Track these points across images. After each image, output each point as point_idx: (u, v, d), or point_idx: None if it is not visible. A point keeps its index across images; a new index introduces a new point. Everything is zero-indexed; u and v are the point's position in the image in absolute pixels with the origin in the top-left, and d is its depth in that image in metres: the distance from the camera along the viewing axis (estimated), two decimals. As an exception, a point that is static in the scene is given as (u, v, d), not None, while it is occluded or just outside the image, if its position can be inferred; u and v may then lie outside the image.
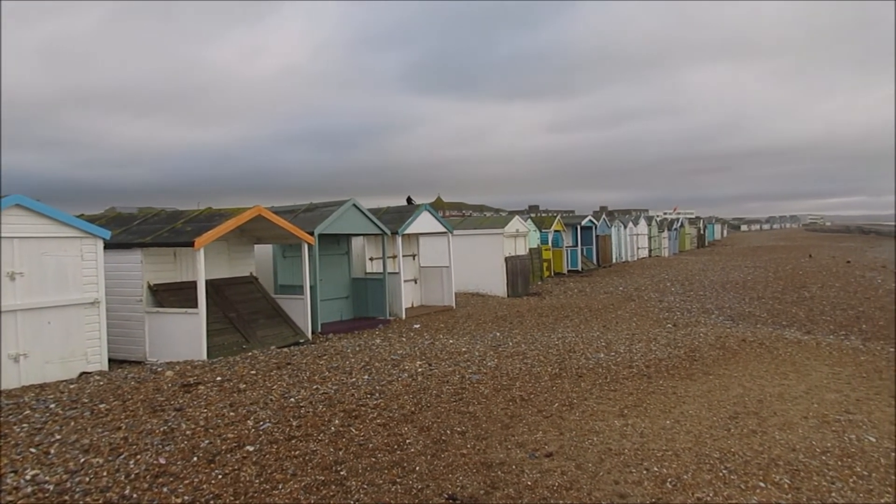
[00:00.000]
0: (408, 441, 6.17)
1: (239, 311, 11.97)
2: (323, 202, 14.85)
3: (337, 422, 6.70)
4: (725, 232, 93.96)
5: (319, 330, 13.27)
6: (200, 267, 10.62)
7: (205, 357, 10.33)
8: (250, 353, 10.60)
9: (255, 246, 13.69)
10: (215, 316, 11.30)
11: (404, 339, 12.23)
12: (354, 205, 14.39)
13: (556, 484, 5.13)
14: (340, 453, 5.84)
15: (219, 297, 11.89)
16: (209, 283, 11.29)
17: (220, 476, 5.30)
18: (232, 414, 6.93)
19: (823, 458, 5.74)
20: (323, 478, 5.29)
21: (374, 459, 5.69)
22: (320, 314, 13.52)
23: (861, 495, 4.98)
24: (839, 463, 5.62)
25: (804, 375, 9.12)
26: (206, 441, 6.07)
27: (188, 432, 6.32)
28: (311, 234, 12.96)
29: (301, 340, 12.16)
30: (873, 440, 6.21)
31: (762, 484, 5.16)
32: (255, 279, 13.16)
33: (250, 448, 5.93)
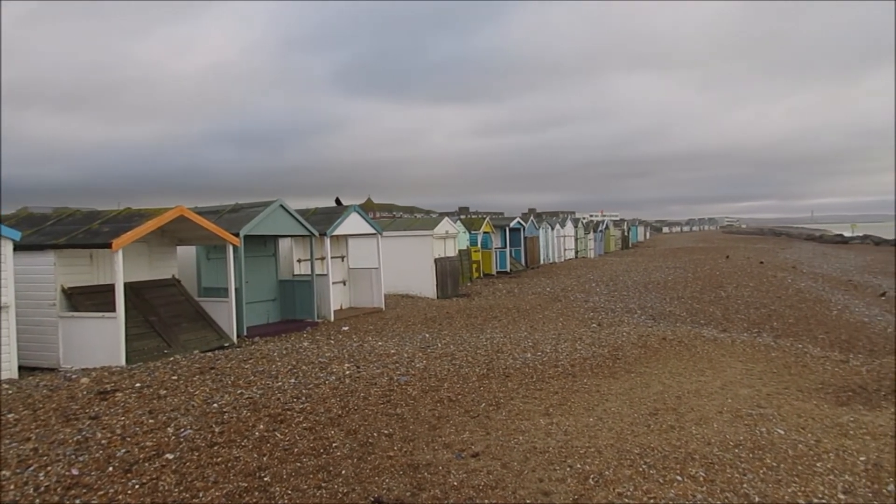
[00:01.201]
0: (334, 445, 6.11)
1: (160, 314, 11.59)
2: (249, 203, 14.55)
3: (262, 427, 6.58)
4: (648, 234, 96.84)
5: (245, 333, 12.99)
6: (118, 269, 10.24)
7: (123, 363, 9.96)
8: (172, 358, 10.28)
9: (178, 248, 13.29)
10: (135, 320, 10.91)
11: (332, 342, 12.11)
12: (282, 206, 14.15)
13: (482, 483, 5.18)
14: (265, 459, 5.73)
15: (138, 300, 11.49)
16: (128, 286, 10.89)
17: (137, 486, 5.12)
18: (151, 421, 6.71)
19: (736, 450, 5.98)
20: (246, 484, 5.19)
21: (299, 464, 5.61)
22: (246, 317, 13.24)
23: (770, 486, 5.22)
24: (751, 455, 5.87)
25: (720, 372, 9.50)
26: (123, 450, 5.86)
27: (104, 441, 6.08)
28: (237, 235, 12.67)
29: (226, 344, 11.88)
30: (782, 433, 6.51)
31: (679, 478, 5.35)
32: (178, 282, 12.78)
33: (170, 456, 5.75)
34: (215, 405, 7.32)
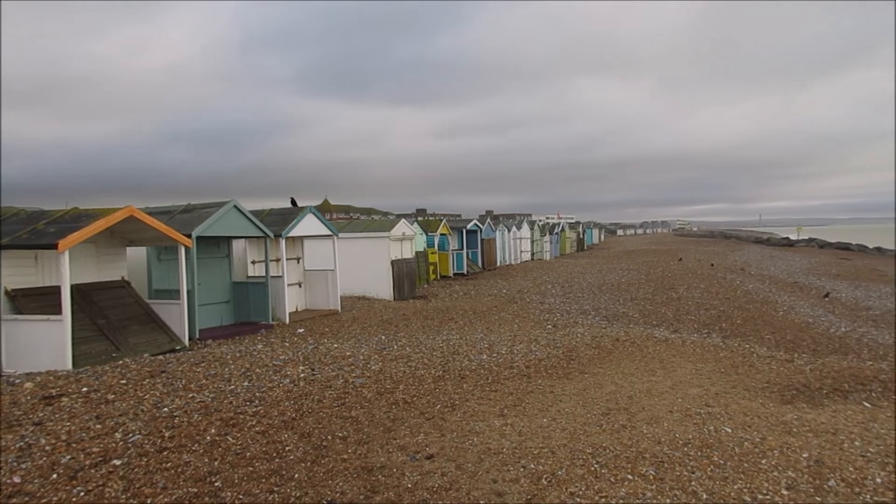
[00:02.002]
0: (287, 448, 6.06)
1: (108, 317, 11.31)
2: (202, 203, 14.30)
3: (213, 431, 6.48)
4: (603, 236, 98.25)
5: (198, 336, 12.76)
6: (65, 271, 9.96)
7: (70, 367, 9.68)
8: (121, 362, 10.04)
9: (128, 249, 12.99)
10: (82, 323, 10.62)
11: (287, 344, 11.99)
12: (235, 206, 13.95)
13: (436, 485, 5.19)
14: (216, 464, 5.64)
15: (86, 302, 11.19)
16: (75, 288, 10.60)
17: (82, 493, 5.00)
18: (98, 426, 6.54)
19: (685, 449, 6.11)
20: (196, 490, 5.10)
21: (251, 468, 5.54)
22: (199, 319, 13.00)
23: (717, 483, 5.35)
24: (699, 453, 6.00)
25: (671, 372, 9.70)
26: (68, 456, 5.70)
27: (48, 448, 5.91)
28: (189, 236, 12.45)
29: (177, 347, 11.65)
30: (729, 431, 6.68)
31: (630, 476, 5.44)
32: (127, 283, 12.48)
33: (117, 462, 5.62)
34: (165, 409, 7.18)
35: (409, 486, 5.19)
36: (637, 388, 8.52)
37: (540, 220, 61.55)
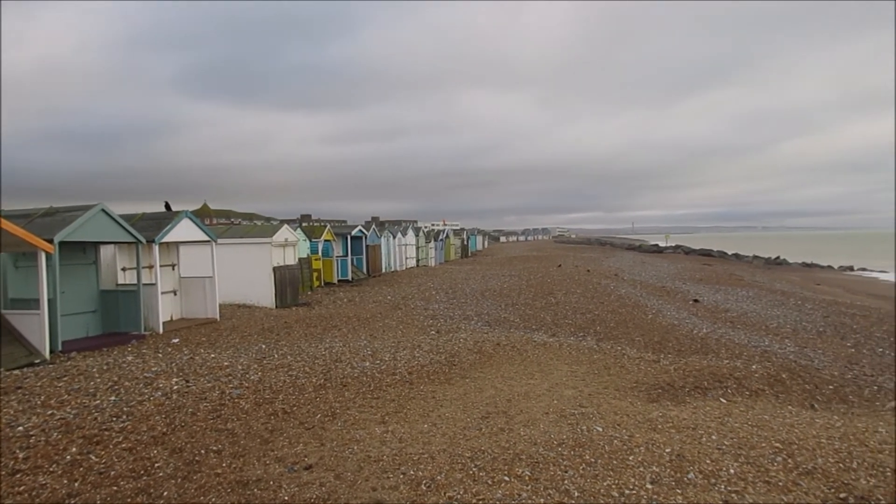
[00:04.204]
0: (157, 465, 5.78)
1: (-44, 329, 10.37)
2: (66, 206, 13.39)
3: (74, 450, 6.08)
4: (487, 243, 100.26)
5: (60, 348, 11.91)
6: None
7: None
8: (-31, 378, 9.22)
9: (-21, 255, 11.98)
10: (-77, 336, 9.69)
11: (160, 355, 11.43)
12: (103, 210, 13.16)
13: (314, 496, 5.12)
14: (76, 485, 5.30)
15: (-71, 314, 10.21)
16: (-85, 299, 9.64)
17: (-81, 524, 4.56)
18: (-60, 450, 5.99)
19: (559, 449, 6.34)
20: (53, 514, 4.77)
21: (115, 488, 5.24)
22: (61, 330, 12.14)
23: (588, 481, 5.58)
24: (572, 453, 6.25)
25: (548, 374, 10.03)
26: None
27: None
28: (50, 241, 11.62)
29: (37, 361, 10.84)
30: (601, 430, 6.99)
31: (507, 478, 5.58)
32: (-22, 293, 11.50)
33: (-38, 488, 5.17)
34: (20, 428, 6.66)
35: (286, 498, 5.09)
36: (516, 392, 8.76)
37: (425, 227, 62.02)
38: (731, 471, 5.85)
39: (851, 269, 53.53)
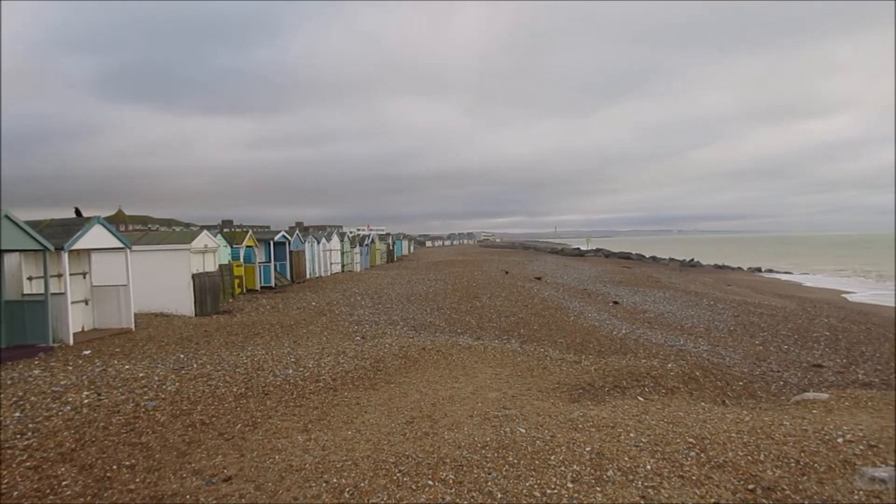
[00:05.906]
0: (64, 483, 5.51)
1: None
2: (-36, 212, 12.62)
3: (-27, 470, 5.72)
4: (413, 247, 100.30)
5: (-42, 363, 11.21)
6: None
7: None
8: None
9: None
10: None
11: (70, 368, 10.90)
12: (7, 216, 12.47)
13: (234, 508, 4.99)
14: (-25, 507, 4.99)
15: None
16: None
17: None
18: None
19: (483, 451, 6.39)
20: (-51, 539, 4.48)
21: (19, 509, 4.97)
22: (-41, 344, 11.44)
23: (511, 482, 5.65)
24: (495, 455, 6.30)
25: (472, 378, 10.11)
26: None
27: None
28: (-53, 249, 10.93)
29: (-69, 377, 10.15)
30: (524, 431, 7.09)
31: (431, 482, 5.58)
32: None
33: None
34: (-88, 450, 6.23)
35: (204, 511, 4.94)
36: (440, 395, 8.78)
37: (351, 232, 61.52)
38: (648, 467, 6.03)
39: (759, 270, 56.28)
